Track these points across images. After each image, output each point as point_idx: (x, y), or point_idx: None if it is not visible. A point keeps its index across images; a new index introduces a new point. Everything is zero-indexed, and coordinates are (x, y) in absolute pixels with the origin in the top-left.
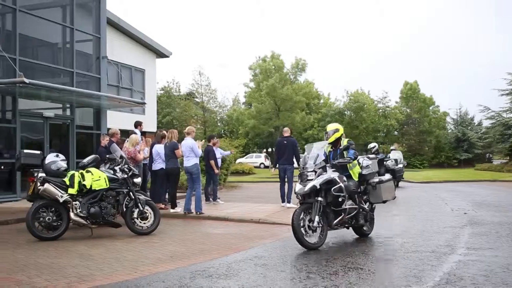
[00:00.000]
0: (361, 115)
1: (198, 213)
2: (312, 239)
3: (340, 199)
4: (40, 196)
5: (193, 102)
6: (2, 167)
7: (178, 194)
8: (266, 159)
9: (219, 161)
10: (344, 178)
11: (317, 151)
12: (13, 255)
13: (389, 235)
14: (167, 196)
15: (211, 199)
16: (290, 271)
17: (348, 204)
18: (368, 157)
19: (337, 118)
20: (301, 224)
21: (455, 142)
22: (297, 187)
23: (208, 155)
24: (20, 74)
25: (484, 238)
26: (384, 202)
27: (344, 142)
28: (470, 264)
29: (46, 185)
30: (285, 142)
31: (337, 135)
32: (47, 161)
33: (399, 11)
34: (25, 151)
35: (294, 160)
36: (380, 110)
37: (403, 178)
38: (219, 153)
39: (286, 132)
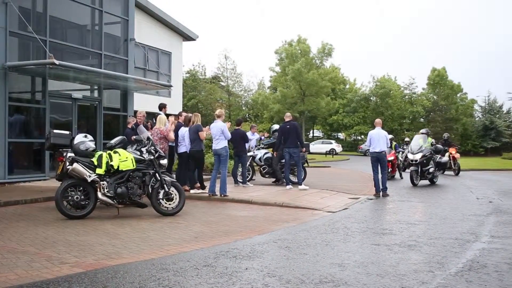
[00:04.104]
0: (387, 101)
1: (222, 195)
2: None
3: None
4: (68, 175)
5: (218, 85)
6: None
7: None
8: None
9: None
10: None
11: None
12: (43, 232)
13: (413, 221)
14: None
15: (239, 183)
16: (313, 254)
17: None
18: None
19: (363, 104)
20: None
21: (483, 130)
22: None
23: (243, 138)
24: (50, 55)
25: (509, 226)
26: None
27: None
28: (494, 252)
29: (75, 165)
30: (288, 126)
31: None
32: (76, 141)
33: None
34: (55, 131)
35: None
36: (407, 97)
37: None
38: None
39: (288, 117)
